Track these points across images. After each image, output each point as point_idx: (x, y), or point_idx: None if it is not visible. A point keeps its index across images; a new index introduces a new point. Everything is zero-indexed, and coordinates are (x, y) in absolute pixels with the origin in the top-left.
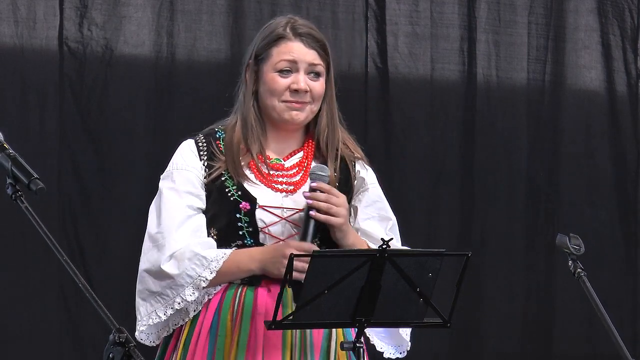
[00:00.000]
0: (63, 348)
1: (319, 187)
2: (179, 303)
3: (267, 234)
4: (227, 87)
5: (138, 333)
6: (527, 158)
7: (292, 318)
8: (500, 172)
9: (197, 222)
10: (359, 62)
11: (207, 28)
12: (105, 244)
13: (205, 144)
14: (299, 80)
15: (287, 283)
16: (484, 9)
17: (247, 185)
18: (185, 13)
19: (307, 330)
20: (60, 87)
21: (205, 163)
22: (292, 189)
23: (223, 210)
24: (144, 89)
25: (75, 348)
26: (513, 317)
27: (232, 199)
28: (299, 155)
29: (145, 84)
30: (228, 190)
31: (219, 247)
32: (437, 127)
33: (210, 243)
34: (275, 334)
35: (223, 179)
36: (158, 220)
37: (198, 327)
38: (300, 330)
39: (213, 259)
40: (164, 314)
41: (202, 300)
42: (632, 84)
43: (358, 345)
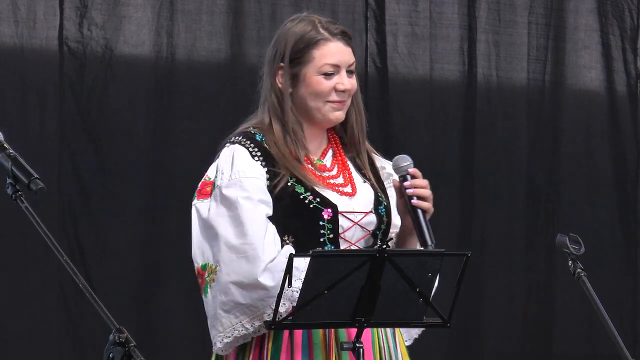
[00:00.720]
0: (63, 348)
1: (416, 174)
2: (269, 315)
3: (342, 239)
4: (227, 87)
5: (220, 345)
6: (527, 158)
7: (292, 318)
8: (500, 172)
9: (272, 230)
10: (359, 62)
11: (207, 28)
12: (105, 244)
13: (257, 149)
14: (344, 82)
15: (287, 283)
16: (484, 9)
17: (320, 191)
18: (185, 13)
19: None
20: (60, 87)
21: (266, 169)
22: (352, 192)
23: (301, 217)
24: (144, 89)
25: (75, 348)
26: (513, 317)
27: (311, 207)
28: (331, 153)
29: (145, 84)
30: (303, 198)
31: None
32: (437, 127)
33: (289, 251)
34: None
35: (290, 185)
36: (239, 231)
37: (286, 337)
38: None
39: (303, 270)
40: (251, 325)
41: (288, 309)
42: (631, 84)
43: (358, 346)
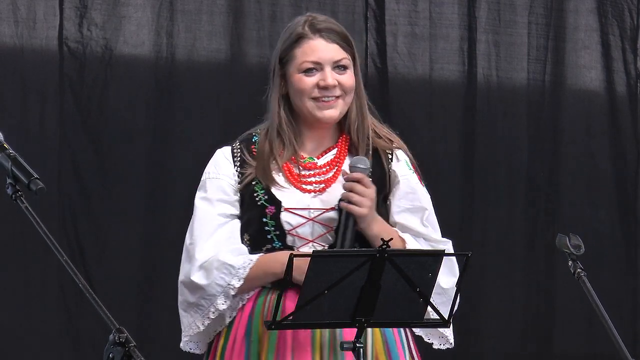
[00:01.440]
0: (63, 348)
1: (347, 176)
2: (213, 312)
3: (295, 236)
4: (226, 87)
5: (183, 344)
6: (527, 158)
7: (292, 318)
8: (500, 172)
9: (229, 228)
10: (359, 62)
11: (207, 28)
12: (105, 244)
13: (239, 151)
14: (326, 77)
15: (287, 283)
16: (484, 9)
17: (274, 189)
18: (185, 13)
19: (337, 330)
20: (60, 87)
21: (238, 169)
22: (322, 188)
23: (253, 216)
24: (144, 89)
25: (75, 348)
26: (513, 317)
27: (259, 204)
28: (333, 152)
29: (145, 84)
30: (256, 195)
31: (252, 252)
32: (437, 127)
33: (241, 250)
34: (304, 335)
35: (253, 184)
36: (191, 232)
37: (233, 333)
38: (330, 330)
39: (240, 267)
40: (202, 324)
41: (236, 306)
42: (631, 84)
43: (358, 346)
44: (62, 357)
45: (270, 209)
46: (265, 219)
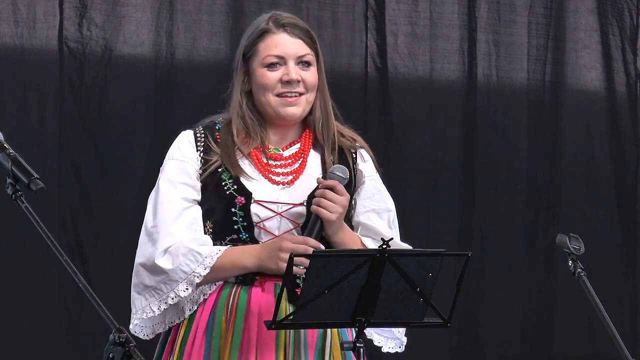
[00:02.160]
0: (63, 348)
1: (321, 182)
2: (173, 298)
3: (262, 229)
4: (226, 87)
5: (132, 326)
6: (527, 158)
7: (292, 318)
8: (500, 172)
9: (192, 214)
10: (359, 62)
11: (206, 28)
12: (105, 244)
13: (203, 136)
14: (290, 71)
15: (287, 284)
16: (484, 9)
17: (243, 180)
18: (185, 13)
19: (301, 330)
20: (60, 87)
21: (201, 155)
22: (290, 180)
23: (219, 204)
24: (144, 89)
25: (75, 348)
26: (513, 317)
27: (227, 193)
28: (297, 146)
29: (145, 84)
30: (224, 184)
31: (214, 240)
32: (437, 127)
33: (206, 240)
34: (269, 334)
35: (220, 172)
36: (154, 214)
37: (194, 327)
38: (294, 330)
39: (207, 255)
40: (158, 309)
41: (197, 300)
42: (631, 84)
43: (358, 346)
44: (62, 357)
45: (240, 200)
46: (234, 209)
